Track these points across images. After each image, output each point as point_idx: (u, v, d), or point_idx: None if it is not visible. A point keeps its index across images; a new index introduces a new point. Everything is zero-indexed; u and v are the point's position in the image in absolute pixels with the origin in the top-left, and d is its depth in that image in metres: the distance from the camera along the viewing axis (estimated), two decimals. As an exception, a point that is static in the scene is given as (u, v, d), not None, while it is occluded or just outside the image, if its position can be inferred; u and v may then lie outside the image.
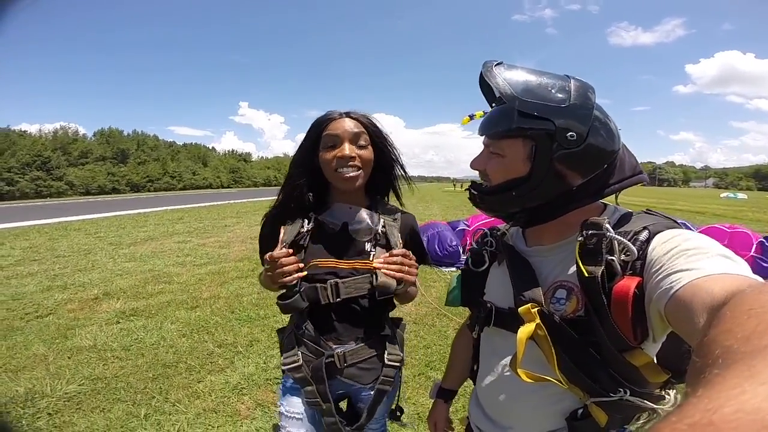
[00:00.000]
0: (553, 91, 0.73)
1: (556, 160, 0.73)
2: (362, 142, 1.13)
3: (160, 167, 55.69)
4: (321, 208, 1.19)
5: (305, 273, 1.10)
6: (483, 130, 0.82)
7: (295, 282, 1.08)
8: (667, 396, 0.77)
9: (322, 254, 1.14)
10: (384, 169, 1.22)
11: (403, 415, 1.38)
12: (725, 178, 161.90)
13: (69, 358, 3.02)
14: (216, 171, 65.89)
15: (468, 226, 6.12)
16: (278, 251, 1.07)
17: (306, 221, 1.15)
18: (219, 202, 20.26)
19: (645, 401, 0.72)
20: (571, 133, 0.71)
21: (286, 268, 1.05)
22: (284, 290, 1.11)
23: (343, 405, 1.30)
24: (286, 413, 1.20)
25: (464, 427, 1.08)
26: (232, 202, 20.64)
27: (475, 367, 1.00)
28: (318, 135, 1.13)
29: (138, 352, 3.16)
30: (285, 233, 1.13)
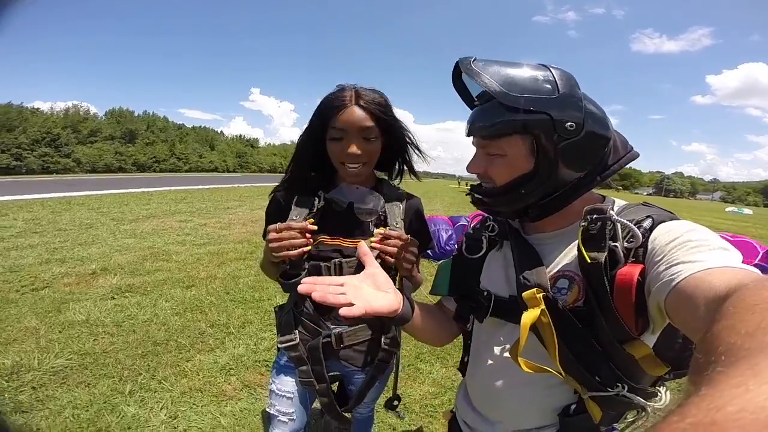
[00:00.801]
0: (539, 82, 0.71)
1: (559, 152, 0.71)
2: (371, 136, 1.06)
3: (168, 149, 56.05)
4: (328, 187, 1.17)
5: (309, 248, 1.08)
6: (475, 132, 0.78)
7: (297, 257, 1.07)
8: (658, 393, 0.75)
9: (329, 232, 1.14)
10: (394, 151, 1.19)
11: (399, 405, 1.37)
12: (733, 193, 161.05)
13: (60, 332, 3.01)
14: (223, 155, 66.23)
15: (469, 222, 6.09)
16: (297, 222, 1.07)
17: (317, 199, 1.14)
18: (223, 186, 20.31)
19: (638, 397, 0.70)
20: (569, 123, 0.69)
21: (295, 242, 1.04)
22: (286, 270, 1.11)
23: (334, 387, 1.29)
24: (276, 391, 1.21)
25: (447, 422, 1.04)
26: (236, 186, 20.69)
27: (466, 359, 0.97)
28: (326, 122, 1.07)
29: (130, 328, 3.14)
30: (297, 211, 1.12)
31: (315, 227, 1.07)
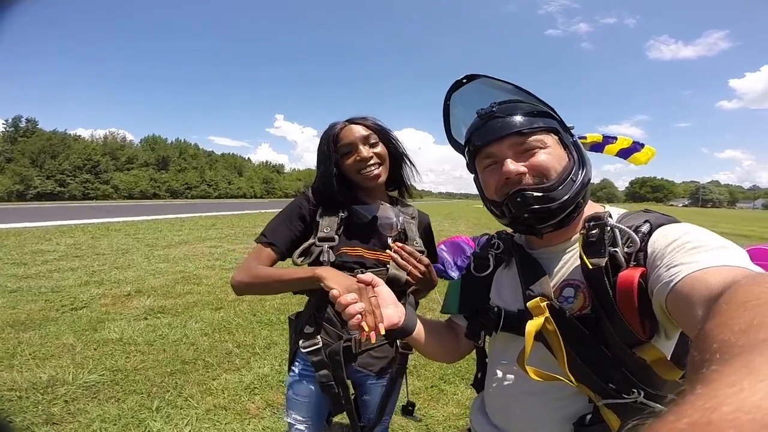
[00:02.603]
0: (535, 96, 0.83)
1: (576, 149, 0.79)
2: (373, 141, 1.21)
3: (198, 175, 58.17)
4: (352, 201, 1.25)
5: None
6: (518, 125, 0.76)
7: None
8: None
9: (353, 244, 1.21)
10: (396, 162, 1.29)
11: (415, 409, 1.40)
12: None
13: (95, 349, 3.14)
14: (250, 181, 68.17)
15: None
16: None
17: (341, 212, 1.22)
18: (251, 211, 20.90)
19: (660, 406, 0.67)
20: (570, 125, 0.79)
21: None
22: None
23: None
24: (293, 398, 1.25)
25: None
26: (263, 211, 21.22)
27: (479, 375, 0.98)
28: (332, 146, 1.21)
29: (160, 347, 3.25)
30: (327, 221, 1.20)
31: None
